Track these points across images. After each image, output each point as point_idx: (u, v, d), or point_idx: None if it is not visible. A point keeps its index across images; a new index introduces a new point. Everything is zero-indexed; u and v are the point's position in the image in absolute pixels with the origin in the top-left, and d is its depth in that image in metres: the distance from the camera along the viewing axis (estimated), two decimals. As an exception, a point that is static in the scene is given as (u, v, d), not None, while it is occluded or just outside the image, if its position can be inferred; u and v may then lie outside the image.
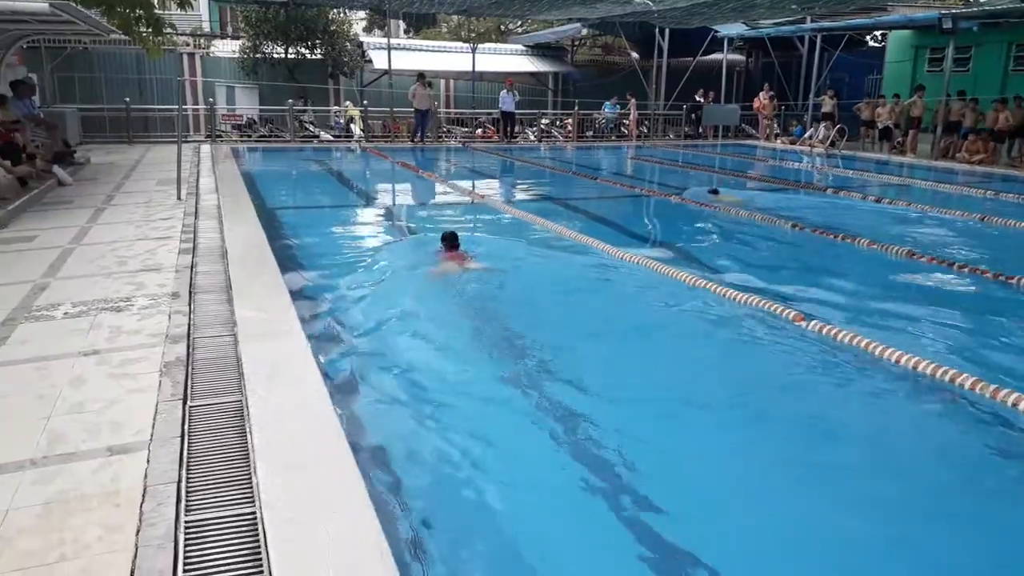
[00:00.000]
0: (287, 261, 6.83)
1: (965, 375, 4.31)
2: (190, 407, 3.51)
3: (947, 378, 4.35)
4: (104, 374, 3.91)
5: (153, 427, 3.30)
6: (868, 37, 24.71)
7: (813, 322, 5.26)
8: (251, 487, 2.84)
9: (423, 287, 6.47)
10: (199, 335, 4.48)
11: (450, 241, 7.00)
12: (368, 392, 4.19)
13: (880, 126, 19.01)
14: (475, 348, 5.07)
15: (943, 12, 17.11)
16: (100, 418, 3.40)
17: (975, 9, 18.23)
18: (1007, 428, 3.96)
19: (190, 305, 5.07)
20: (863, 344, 4.86)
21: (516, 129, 21.47)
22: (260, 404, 3.50)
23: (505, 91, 20.64)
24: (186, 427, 3.30)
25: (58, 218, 8.22)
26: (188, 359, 4.10)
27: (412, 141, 19.87)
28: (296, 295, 5.58)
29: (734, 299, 5.94)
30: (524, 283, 6.69)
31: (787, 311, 5.49)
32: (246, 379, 3.79)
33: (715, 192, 11.42)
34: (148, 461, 3.01)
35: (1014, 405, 4.00)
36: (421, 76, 19.68)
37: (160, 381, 3.80)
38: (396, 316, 5.58)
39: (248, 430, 3.27)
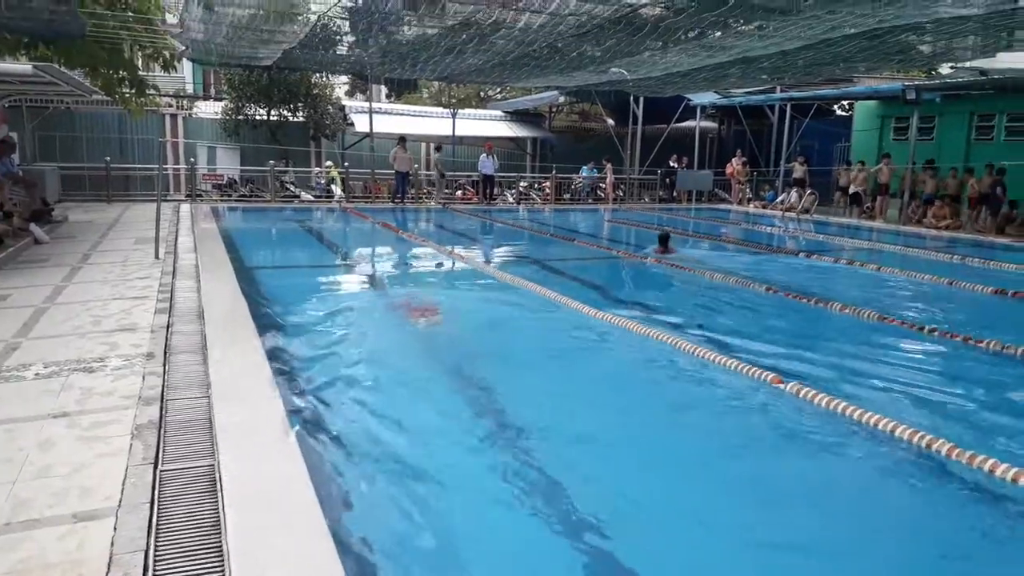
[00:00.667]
0: (264, 321, 6.80)
1: (941, 440, 4.34)
2: (161, 471, 3.45)
3: (923, 443, 4.38)
4: (74, 437, 3.83)
5: (122, 492, 3.24)
6: (836, 106, 25.62)
7: (792, 384, 5.30)
8: (221, 556, 2.78)
9: (399, 348, 6.48)
10: (172, 397, 4.43)
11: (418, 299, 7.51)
12: (343, 456, 4.13)
13: (851, 191, 19.57)
14: (452, 408, 5.04)
15: (907, 84, 17.82)
16: (68, 483, 3.33)
17: (937, 82, 18.98)
18: (978, 492, 3.99)
19: (165, 366, 5.01)
20: (836, 406, 4.90)
21: (496, 191, 21.81)
22: (232, 469, 3.44)
23: (485, 155, 21.07)
24: (156, 492, 3.24)
25: (33, 276, 8.14)
26: (161, 421, 4.04)
27: (393, 202, 20.10)
28: (272, 356, 5.54)
29: (713, 361, 5.98)
30: (494, 338, 6.73)
31: (765, 374, 5.53)
32: (218, 443, 3.73)
33: (665, 241, 11.39)
34: (115, 528, 2.94)
35: (989, 471, 4.05)
36: (402, 139, 20.07)
37: (131, 444, 3.73)
38: (372, 377, 5.55)
39: (219, 496, 3.21)
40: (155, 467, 3.49)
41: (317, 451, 4.10)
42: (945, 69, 19.76)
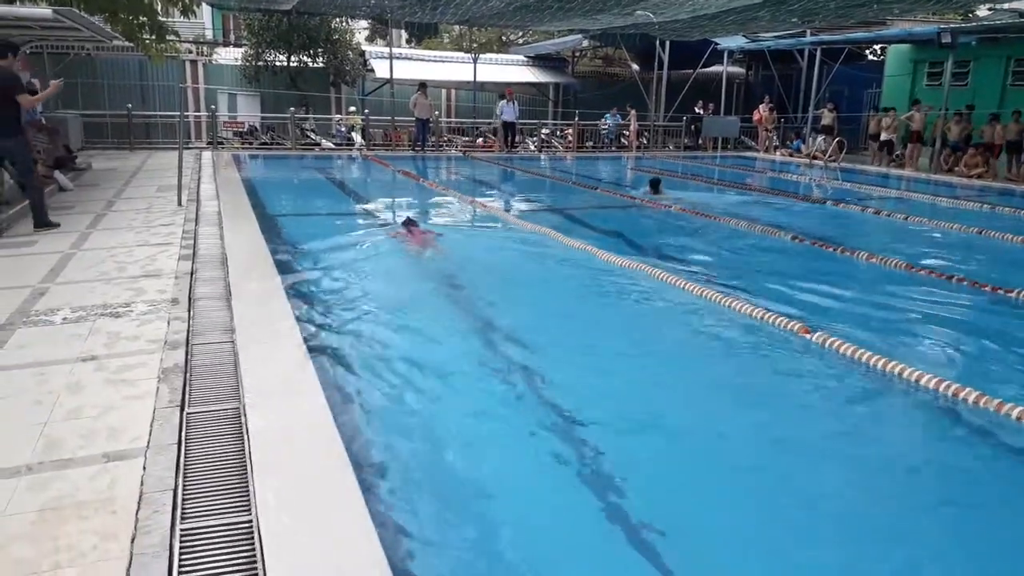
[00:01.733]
0: (286, 267, 6.84)
1: (968, 389, 4.30)
2: (188, 414, 3.51)
3: (950, 392, 4.34)
4: (102, 380, 3.90)
5: (150, 434, 3.30)
6: (867, 51, 24.84)
7: (818, 334, 5.26)
8: (247, 495, 2.83)
9: (418, 289, 6.53)
10: (197, 341, 4.48)
11: (410, 222, 8.49)
12: (367, 398, 4.18)
13: (883, 139, 19.10)
14: (469, 343, 5.12)
15: (942, 27, 17.19)
16: (97, 424, 3.39)
17: (974, 24, 18.30)
18: (1008, 439, 3.97)
19: (189, 311, 5.07)
20: (865, 357, 4.86)
21: (516, 139, 21.54)
22: (257, 411, 3.49)
23: (505, 101, 20.72)
24: (183, 434, 3.30)
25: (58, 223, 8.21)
26: (186, 366, 4.10)
27: (413, 149, 19.95)
28: (295, 301, 5.58)
29: (735, 308, 5.94)
30: (509, 279, 6.77)
31: (792, 323, 5.49)
32: (244, 386, 3.78)
33: (656, 185, 12.51)
34: (144, 468, 3.00)
35: (1018, 418, 4.02)
36: (423, 86, 19.79)
37: (158, 388, 3.79)
38: (392, 317, 5.60)
39: (245, 437, 3.26)
40: (182, 410, 3.55)
41: (341, 391, 4.16)
42: (982, 11, 19.03)
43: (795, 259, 8.42)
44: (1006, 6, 16.47)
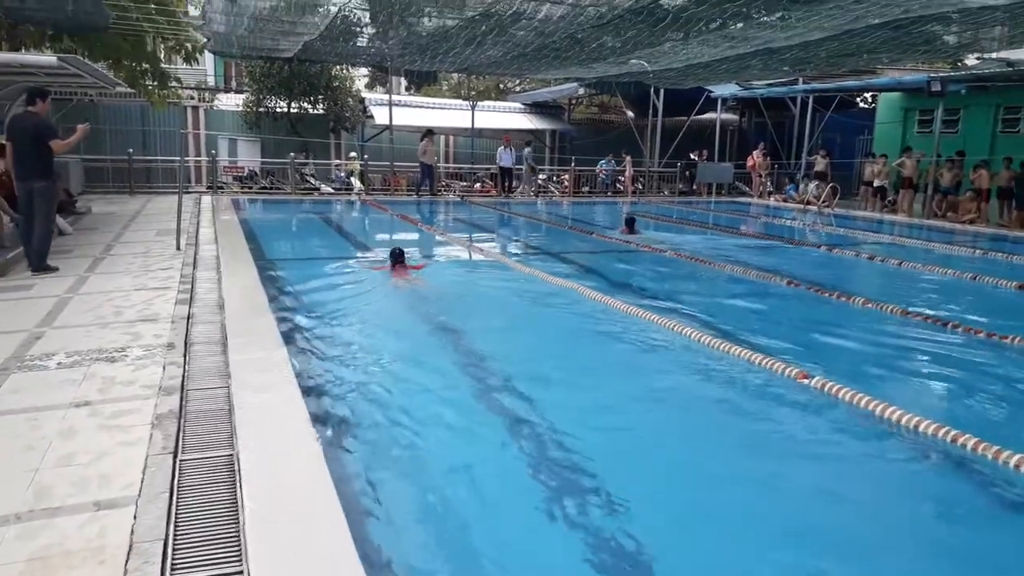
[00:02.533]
0: (283, 312, 6.85)
1: (967, 436, 4.29)
2: (181, 461, 3.48)
3: (948, 438, 4.33)
4: (95, 426, 3.88)
5: (142, 481, 3.27)
6: (859, 99, 25.28)
7: (816, 379, 5.25)
8: (239, 545, 2.80)
9: (418, 338, 6.50)
10: (193, 387, 4.47)
11: (397, 257, 8.75)
12: (363, 445, 4.15)
13: (876, 184, 19.35)
14: (467, 395, 5.06)
15: (931, 76, 17.53)
16: (88, 471, 3.36)
17: (962, 73, 18.66)
18: (1007, 488, 3.94)
19: (185, 356, 5.06)
20: (862, 402, 4.85)
21: (514, 184, 21.78)
22: (251, 459, 3.47)
23: (503, 147, 21.03)
24: (175, 482, 3.27)
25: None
26: (181, 411, 4.08)
27: (418, 194, 20.18)
28: (292, 346, 5.58)
29: (733, 354, 5.94)
30: (499, 313, 6.76)
31: (790, 369, 5.49)
32: (238, 433, 3.76)
33: (631, 222, 13.43)
34: (135, 517, 2.97)
35: (1015, 466, 4.00)
36: (430, 132, 20.16)
37: (151, 434, 3.77)
38: (390, 367, 5.58)
39: (238, 485, 3.23)
40: (175, 456, 3.52)
41: (336, 441, 4.13)
42: (971, 60, 19.42)
43: (790, 304, 8.45)
44: (994, 56, 16.83)
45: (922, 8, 10.52)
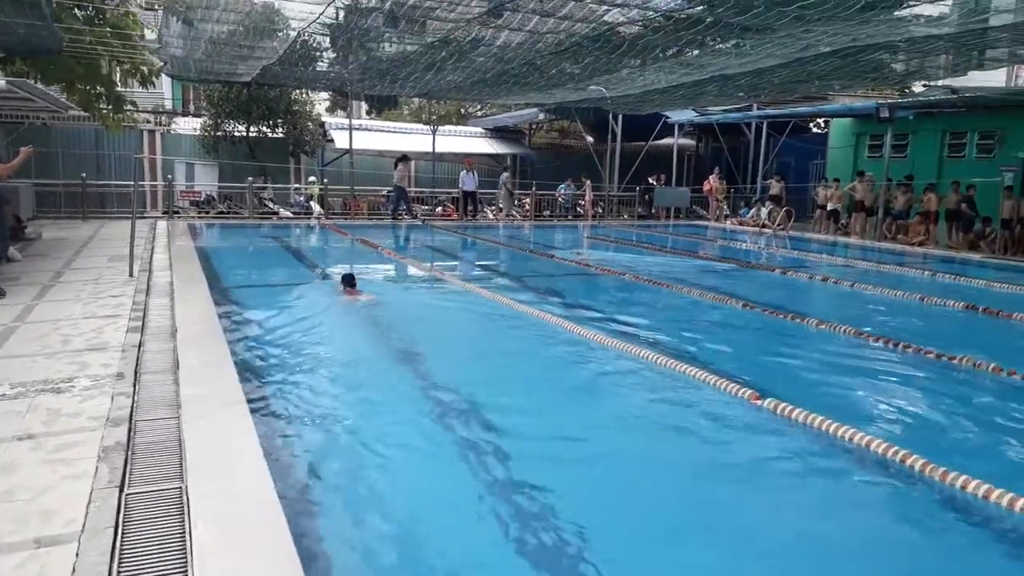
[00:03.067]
0: (238, 339, 6.74)
1: (915, 456, 4.38)
2: (127, 495, 3.38)
3: (898, 458, 4.41)
4: (38, 460, 3.75)
5: (86, 517, 3.17)
6: (812, 124, 25.97)
7: (768, 400, 5.32)
8: (186, 581, 2.72)
9: (376, 364, 6.45)
10: (142, 417, 4.35)
11: (348, 281, 8.91)
12: (317, 478, 4.08)
13: (830, 208, 19.85)
14: (431, 422, 5.00)
15: (880, 102, 18.10)
16: (30, 507, 3.25)
17: (910, 100, 19.30)
18: (953, 511, 4.03)
19: (135, 386, 4.94)
20: (816, 422, 4.93)
21: (477, 207, 21.89)
22: (200, 492, 3.38)
23: (465, 171, 21.16)
24: (121, 516, 3.17)
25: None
26: (129, 443, 3.97)
27: (394, 217, 20.26)
28: (245, 374, 5.48)
29: (684, 373, 6.00)
30: (477, 352, 6.74)
31: (743, 390, 5.56)
32: (188, 465, 3.67)
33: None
34: (78, 554, 2.87)
35: (961, 487, 4.09)
36: (405, 157, 20.41)
37: (97, 467, 3.66)
38: (348, 395, 5.51)
39: (187, 520, 3.15)
40: (121, 490, 3.42)
41: (289, 473, 4.05)
42: (918, 87, 20.10)
43: (745, 325, 8.58)
44: (939, 83, 17.43)
45: (869, 37, 10.88)
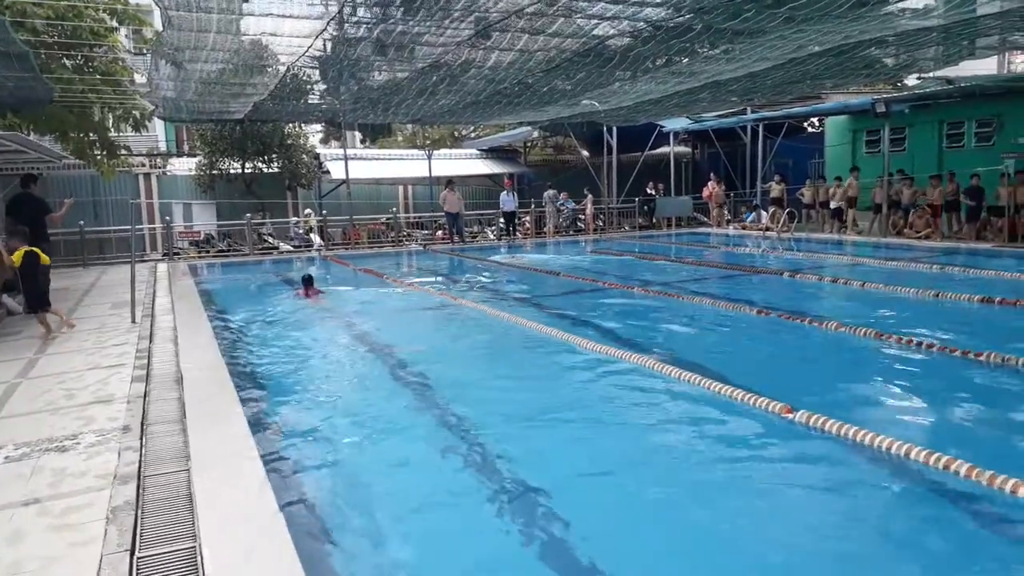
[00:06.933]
0: (246, 384, 6.58)
1: (947, 458, 4.22)
2: (138, 559, 3.23)
3: (930, 461, 4.25)
4: (45, 526, 3.61)
5: (96, 587, 3.01)
6: (807, 123, 25.91)
7: (800, 412, 5.16)
8: (205, 652, 2.57)
9: (389, 409, 6.16)
10: (150, 472, 4.21)
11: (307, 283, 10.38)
12: (333, 529, 3.91)
13: (832, 206, 19.74)
14: (447, 473, 4.79)
15: (875, 97, 18.03)
16: (37, 580, 3.10)
17: (905, 93, 19.24)
18: (988, 506, 3.87)
19: (142, 439, 4.79)
20: (851, 433, 4.77)
21: (470, 229, 21.89)
22: (214, 550, 3.23)
23: (506, 192, 21.39)
24: (133, 584, 3.02)
25: (4, 351, 7.89)
26: (138, 502, 3.82)
27: (452, 242, 20.61)
28: (255, 422, 5.32)
29: (709, 388, 5.84)
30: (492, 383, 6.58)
31: (774, 404, 5.39)
32: (200, 521, 3.52)
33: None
34: (89, 629, 2.72)
35: (988, 484, 3.94)
36: (450, 182, 20.65)
37: (106, 530, 3.51)
38: (363, 444, 5.26)
39: (202, 582, 3.00)
40: (131, 554, 3.27)
41: (304, 525, 3.88)
42: (912, 80, 20.05)
43: (764, 333, 8.41)
44: (933, 74, 17.36)
45: (860, 34, 10.80)
